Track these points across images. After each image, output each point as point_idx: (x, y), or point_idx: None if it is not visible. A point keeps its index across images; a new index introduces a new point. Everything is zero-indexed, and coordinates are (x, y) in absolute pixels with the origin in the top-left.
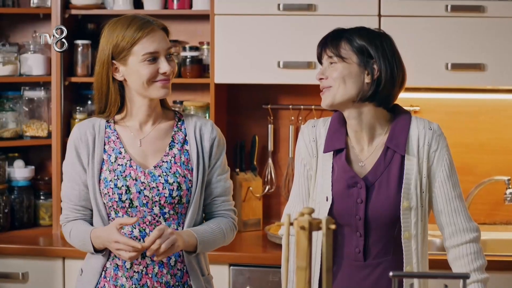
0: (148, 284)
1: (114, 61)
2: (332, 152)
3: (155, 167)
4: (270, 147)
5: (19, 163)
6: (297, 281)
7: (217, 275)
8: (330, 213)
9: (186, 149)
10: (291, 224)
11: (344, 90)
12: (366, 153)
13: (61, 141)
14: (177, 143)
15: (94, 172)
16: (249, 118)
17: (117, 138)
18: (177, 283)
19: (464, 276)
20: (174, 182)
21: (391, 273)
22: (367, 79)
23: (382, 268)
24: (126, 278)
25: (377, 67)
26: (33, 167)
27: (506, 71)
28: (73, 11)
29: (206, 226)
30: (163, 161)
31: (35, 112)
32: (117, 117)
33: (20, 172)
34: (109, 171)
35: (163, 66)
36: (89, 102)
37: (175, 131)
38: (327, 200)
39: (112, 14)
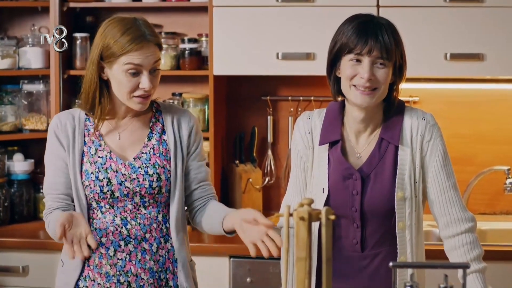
0: (132, 271)
1: (102, 62)
2: (327, 144)
3: (134, 158)
4: (270, 138)
5: (18, 157)
6: (297, 272)
7: (217, 267)
8: (327, 204)
9: (164, 139)
10: (291, 215)
11: (384, 91)
12: (363, 145)
13: None
14: (156, 134)
15: (75, 164)
16: (249, 109)
17: (97, 131)
18: (160, 269)
19: (464, 266)
20: (154, 173)
21: (391, 263)
22: (392, 78)
23: (380, 258)
24: (110, 266)
25: (399, 65)
26: (32, 160)
27: (505, 61)
28: (71, 4)
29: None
30: (142, 153)
31: (34, 105)
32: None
33: (19, 165)
34: (90, 163)
35: (144, 82)
36: None
37: (153, 122)
38: (323, 192)
39: (110, 7)
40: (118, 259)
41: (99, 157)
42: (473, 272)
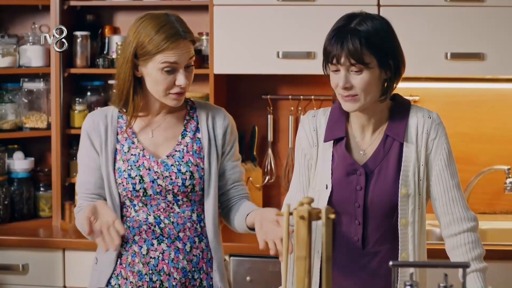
0: (164, 270)
1: (136, 60)
2: (332, 141)
3: (167, 156)
4: (270, 137)
5: (18, 155)
6: (297, 271)
7: None
8: (330, 201)
9: (198, 137)
10: (291, 214)
11: (370, 96)
12: (368, 142)
13: (61, 133)
14: (189, 132)
15: (108, 162)
16: (249, 108)
17: (130, 128)
18: (193, 269)
19: (464, 265)
20: (186, 171)
21: (391, 263)
22: (385, 76)
23: (381, 256)
24: (142, 264)
25: (393, 62)
26: (32, 158)
27: (505, 61)
28: (72, 3)
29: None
30: (175, 150)
31: (34, 103)
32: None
33: (19, 163)
34: (123, 161)
35: (180, 79)
36: (89, 93)
37: (187, 120)
38: (326, 188)
39: (110, 6)
40: (151, 257)
41: (132, 154)
42: (473, 271)
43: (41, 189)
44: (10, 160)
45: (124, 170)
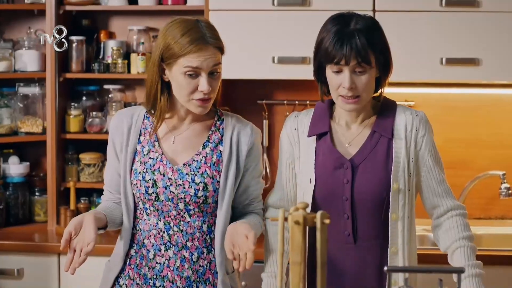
0: (168, 277)
1: (162, 63)
2: (315, 136)
3: (184, 164)
4: (265, 142)
5: (14, 159)
6: (292, 276)
7: None
8: (315, 195)
9: (219, 150)
10: (286, 219)
11: (369, 94)
12: (354, 133)
13: (56, 137)
14: (212, 143)
15: (127, 162)
16: (244, 113)
17: (155, 132)
18: (198, 279)
19: (459, 271)
20: (200, 182)
21: (385, 268)
22: (377, 73)
23: (373, 251)
24: (148, 268)
25: (384, 59)
26: (28, 163)
27: (501, 66)
28: (68, 7)
29: (255, 220)
30: (193, 160)
31: (30, 108)
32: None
33: (15, 168)
34: (140, 163)
35: (202, 84)
36: (84, 98)
37: (212, 131)
38: (310, 182)
39: (106, 10)
40: (156, 263)
41: (150, 158)
42: (461, 247)
43: (36, 193)
44: (6, 165)
45: (139, 172)
